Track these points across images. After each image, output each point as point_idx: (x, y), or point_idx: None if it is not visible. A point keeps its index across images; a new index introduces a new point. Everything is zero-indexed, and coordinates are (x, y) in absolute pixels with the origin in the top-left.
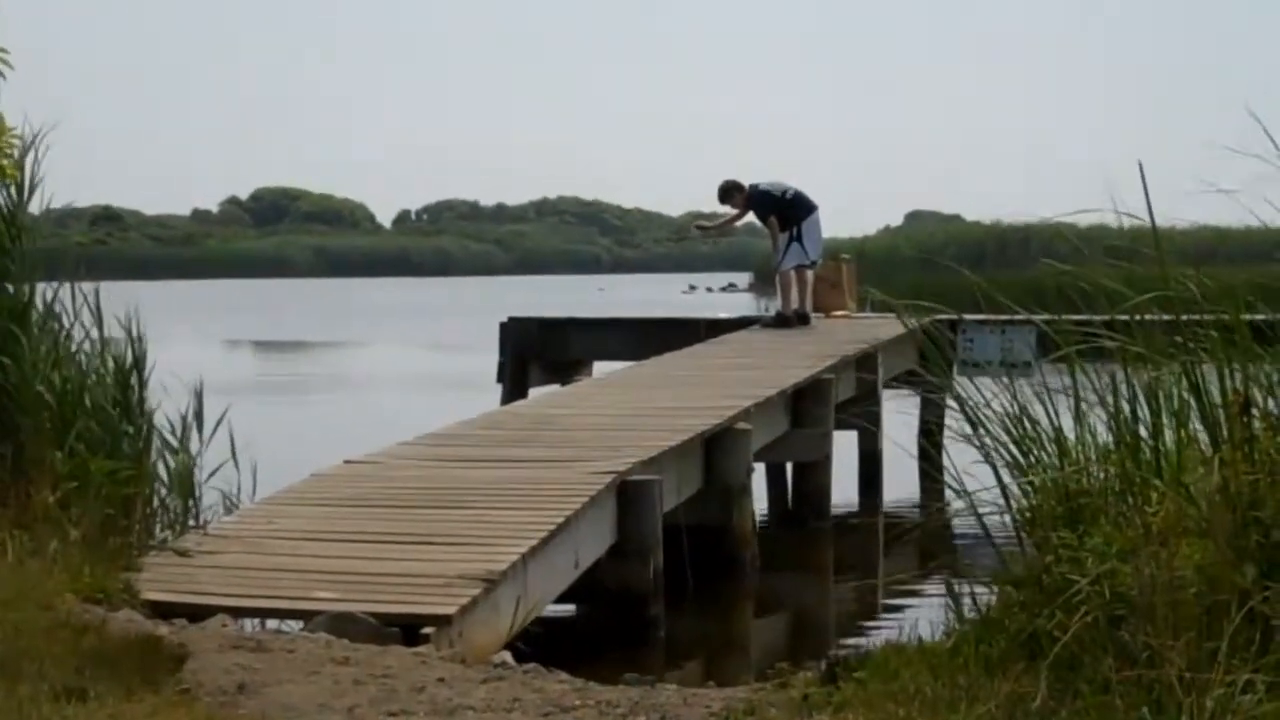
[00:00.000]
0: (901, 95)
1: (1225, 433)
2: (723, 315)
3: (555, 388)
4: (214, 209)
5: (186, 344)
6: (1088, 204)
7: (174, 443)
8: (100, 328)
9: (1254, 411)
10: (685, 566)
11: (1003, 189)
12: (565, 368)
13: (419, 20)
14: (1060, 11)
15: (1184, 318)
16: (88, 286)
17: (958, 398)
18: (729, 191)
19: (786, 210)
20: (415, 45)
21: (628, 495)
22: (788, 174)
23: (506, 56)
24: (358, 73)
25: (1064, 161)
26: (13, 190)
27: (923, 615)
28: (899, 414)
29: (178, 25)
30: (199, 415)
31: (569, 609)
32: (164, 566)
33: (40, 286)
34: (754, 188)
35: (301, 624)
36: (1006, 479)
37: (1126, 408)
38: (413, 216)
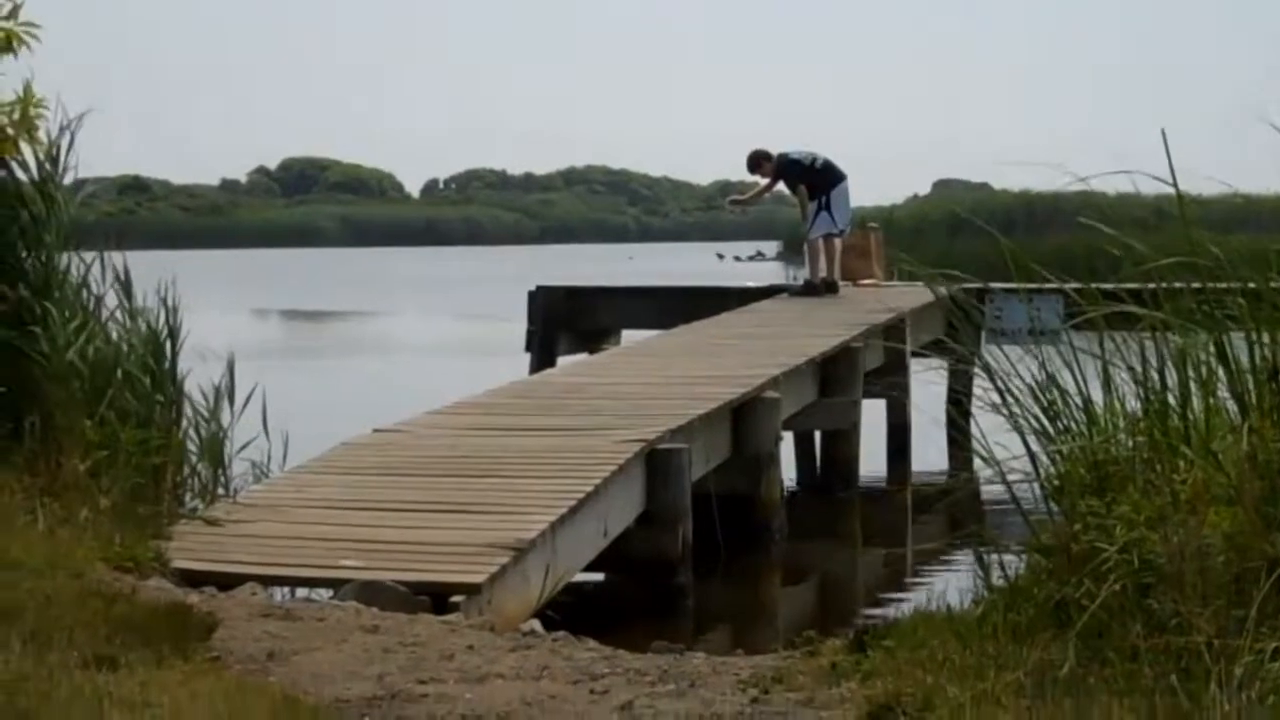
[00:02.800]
0: (929, 64)
1: (1254, 400)
2: (750, 284)
3: (583, 356)
4: (242, 179)
5: (215, 313)
6: (1115, 171)
7: (205, 412)
8: (130, 298)
9: None
10: (714, 535)
11: (1033, 155)
12: (593, 336)
13: None
14: None
15: (1212, 285)
16: (118, 256)
17: (986, 366)
18: (758, 161)
19: (815, 179)
20: (445, 13)
21: (656, 464)
22: (814, 141)
23: (533, 26)
24: (385, 42)
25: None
26: (43, 160)
27: (951, 584)
28: (928, 383)
29: None
30: (231, 386)
31: (598, 577)
32: (194, 535)
33: (72, 256)
34: (783, 156)
35: (331, 592)
36: (1035, 447)
37: (1155, 375)
38: (440, 186)
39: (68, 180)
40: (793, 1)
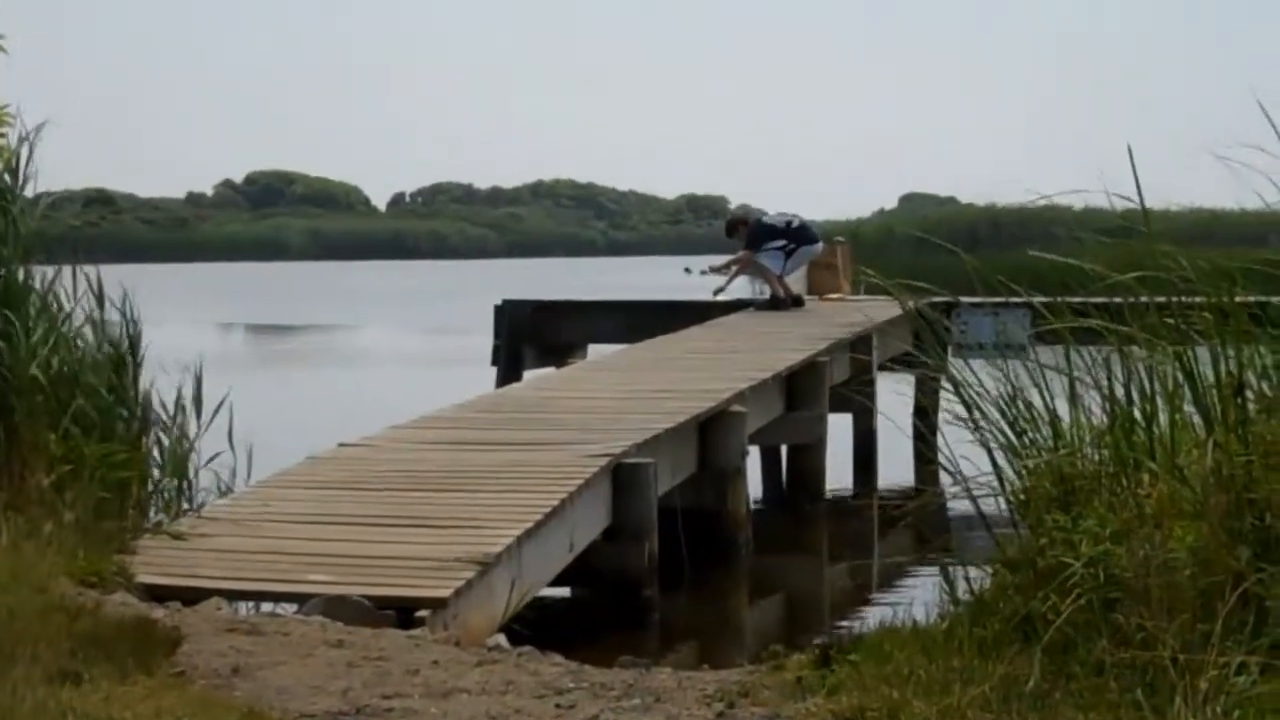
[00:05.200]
0: (895, 78)
1: (1219, 415)
2: (717, 298)
3: (550, 370)
4: (208, 192)
5: (181, 326)
6: (1081, 186)
7: (169, 425)
8: (101, 309)
9: (1248, 394)
10: (680, 549)
11: (999, 172)
12: (560, 350)
13: (412, 2)
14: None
15: (1178, 299)
16: (88, 269)
17: (952, 380)
18: (734, 226)
19: (789, 236)
20: (410, 27)
21: (622, 478)
22: (779, 153)
23: (501, 40)
24: (351, 55)
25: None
26: (4, 173)
27: (917, 597)
28: (894, 395)
29: (173, 6)
30: (197, 399)
31: (564, 591)
32: (159, 549)
33: (36, 269)
34: (758, 222)
35: (296, 607)
36: (1001, 461)
37: (1121, 390)
38: (407, 199)
39: (29, 193)
40: (759, 11)
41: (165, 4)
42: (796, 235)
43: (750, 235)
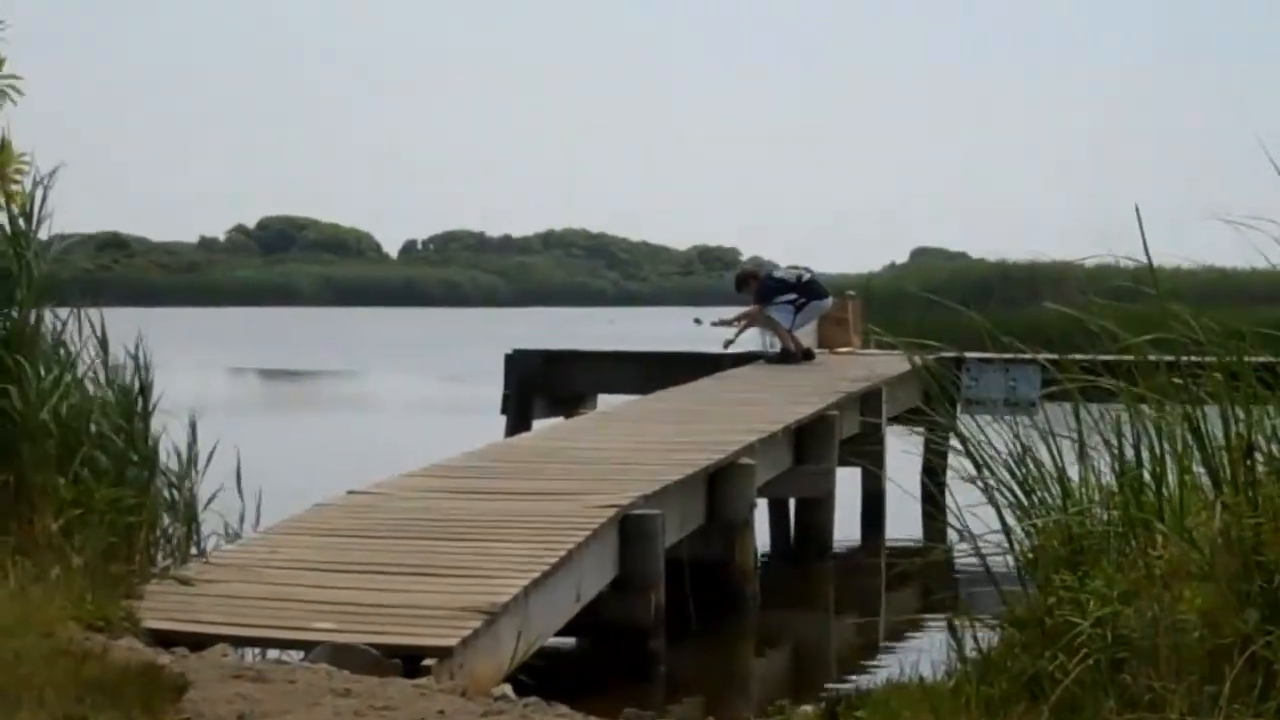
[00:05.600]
0: (909, 133)
1: (1228, 475)
2: (728, 350)
3: (559, 420)
4: (221, 237)
5: (192, 371)
6: (1095, 242)
7: (178, 470)
8: (105, 355)
9: (1257, 455)
10: (687, 601)
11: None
12: (569, 401)
13: (425, 50)
14: (1067, 37)
15: (1187, 359)
16: (94, 313)
17: (962, 438)
18: (744, 280)
19: (798, 290)
20: (422, 75)
21: (630, 529)
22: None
23: (511, 87)
24: (364, 103)
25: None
26: (19, 216)
27: (924, 654)
28: (903, 452)
29: (185, 52)
30: (192, 444)
31: (570, 642)
32: (166, 595)
33: (47, 313)
34: (768, 276)
35: (302, 654)
36: (1010, 519)
37: (1130, 449)
38: (419, 246)
39: (43, 235)
40: (771, 66)
41: (177, 50)
42: (806, 290)
43: (760, 290)
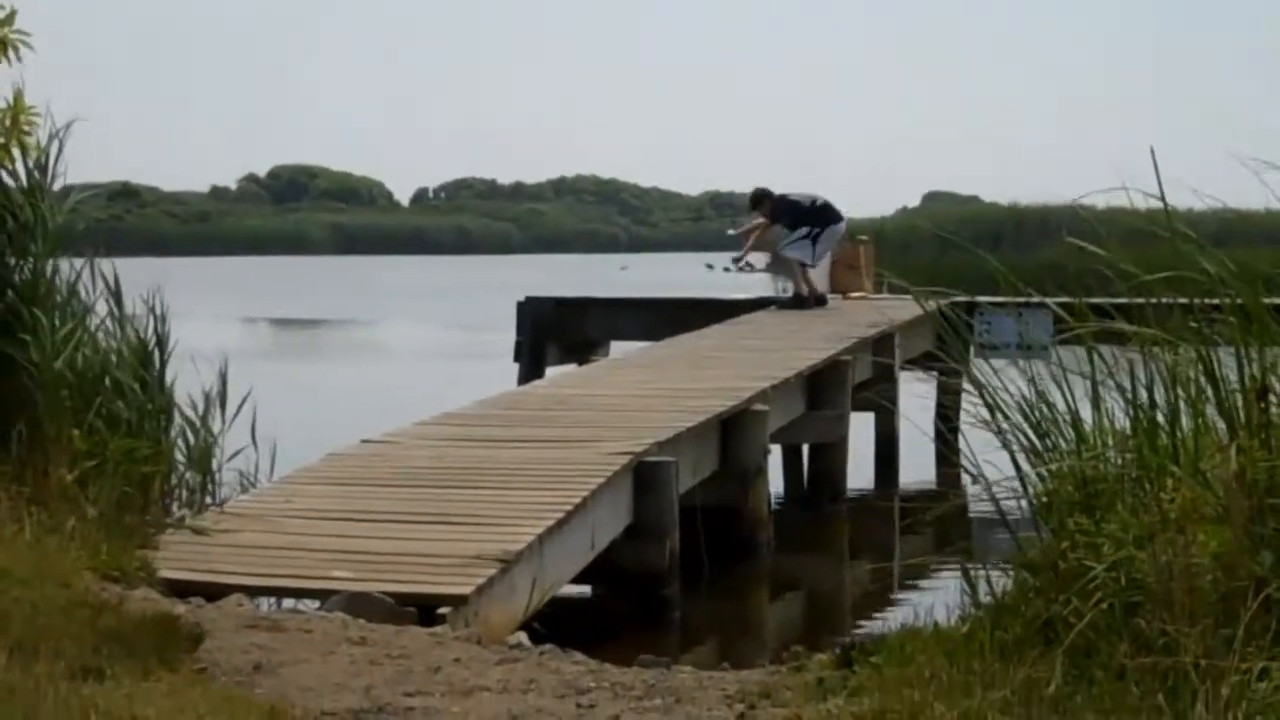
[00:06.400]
0: (920, 77)
1: (1242, 418)
2: (740, 295)
3: (572, 367)
4: (232, 186)
5: (205, 321)
6: (1105, 184)
7: (194, 420)
8: (120, 305)
9: (1272, 398)
10: (701, 548)
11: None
12: (582, 347)
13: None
14: None
15: (1201, 301)
16: (108, 264)
17: (975, 383)
18: (759, 199)
19: (812, 217)
20: (434, 22)
21: (644, 476)
22: (803, 152)
23: (525, 37)
24: (375, 50)
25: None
26: (33, 168)
27: (938, 599)
28: (916, 396)
29: (197, 1)
30: (222, 395)
31: (585, 590)
32: (181, 545)
33: (60, 263)
34: (782, 198)
35: (318, 604)
36: (1023, 464)
37: (1144, 393)
38: (430, 195)
39: (56, 187)
40: (785, 11)
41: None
42: (820, 214)
43: (774, 209)
